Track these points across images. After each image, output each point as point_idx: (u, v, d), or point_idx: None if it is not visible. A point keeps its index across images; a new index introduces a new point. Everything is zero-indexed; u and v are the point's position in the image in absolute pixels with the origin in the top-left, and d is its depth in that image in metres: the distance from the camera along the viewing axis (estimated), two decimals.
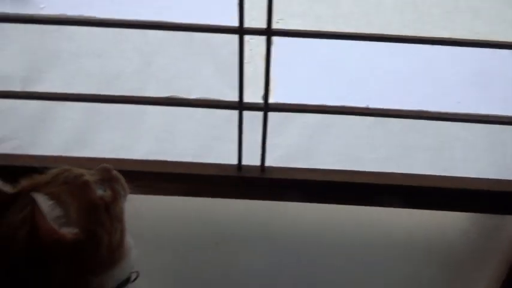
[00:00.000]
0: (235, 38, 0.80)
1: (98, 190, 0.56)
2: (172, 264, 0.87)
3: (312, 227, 1.13)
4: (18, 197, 0.55)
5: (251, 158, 0.96)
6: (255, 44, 0.82)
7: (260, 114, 0.89)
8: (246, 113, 0.89)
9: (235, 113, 0.89)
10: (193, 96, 0.88)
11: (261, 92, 0.87)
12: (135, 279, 0.63)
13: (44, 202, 0.49)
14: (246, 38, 0.79)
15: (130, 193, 0.63)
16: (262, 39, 0.80)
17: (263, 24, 0.79)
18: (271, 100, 0.87)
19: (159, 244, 0.70)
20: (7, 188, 0.55)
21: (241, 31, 0.78)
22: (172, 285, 0.68)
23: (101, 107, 0.89)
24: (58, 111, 0.91)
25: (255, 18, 0.79)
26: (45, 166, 0.63)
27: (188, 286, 1.14)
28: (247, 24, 0.78)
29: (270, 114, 0.88)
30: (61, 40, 0.82)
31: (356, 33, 0.79)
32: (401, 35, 0.79)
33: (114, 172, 0.61)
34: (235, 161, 0.96)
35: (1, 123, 0.94)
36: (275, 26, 0.78)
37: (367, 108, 0.91)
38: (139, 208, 0.64)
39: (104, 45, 0.83)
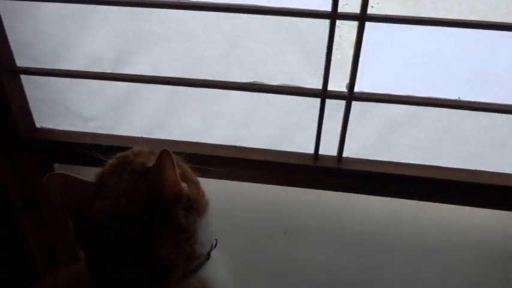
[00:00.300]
0: (325, 23, 0.78)
1: None
2: (238, 249, 0.88)
3: (384, 222, 1.10)
4: (109, 175, 0.58)
5: (328, 148, 0.94)
6: (345, 30, 0.79)
7: (341, 103, 0.87)
8: (327, 102, 0.87)
9: (316, 101, 0.88)
10: (276, 82, 0.87)
11: (345, 81, 0.85)
12: (215, 245, 0.67)
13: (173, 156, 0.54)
14: (337, 23, 0.77)
15: (204, 177, 0.65)
16: (354, 24, 0.77)
17: (356, 9, 0.76)
18: (355, 89, 0.84)
19: (227, 229, 0.71)
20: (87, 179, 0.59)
21: (333, 15, 0.75)
22: (237, 269, 0.68)
23: (184, 90, 0.91)
24: (143, 93, 0.93)
25: (348, 3, 0.76)
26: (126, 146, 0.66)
27: (254, 272, 1.15)
28: (339, 8, 0.75)
29: (353, 104, 0.86)
30: (152, 23, 0.84)
31: (457, 19, 0.74)
32: (508, 23, 0.73)
33: None
34: (311, 150, 0.95)
35: (89, 103, 0.98)
36: (369, 11, 0.75)
37: (457, 101, 0.86)
38: (210, 191, 0.65)
39: (192, 29, 0.83)
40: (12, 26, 0.90)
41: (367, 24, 0.76)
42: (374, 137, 0.94)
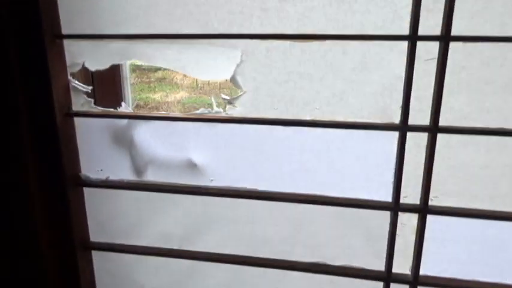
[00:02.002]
0: (387, 212, 0.82)
1: None
2: None
3: None
4: None
5: None
6: (406, 218, 0.83)
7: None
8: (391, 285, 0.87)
9: (379, 285, 0.88)
10: (338, 263, 0.89)
11: (407, 263, 0.86)
12: None
13: None
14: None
15: None
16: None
17: (416, 200, 0.81)
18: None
19: None
20: None
21: (395, 208, 0.80)
22: None
23: (247, 267, 0.93)
24: (207, 269, 0.96)
25: (408, 195, 0.81)
26: None
27: None
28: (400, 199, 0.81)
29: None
30: (222, 208, 0.91)
31: None
32: None
33: None
34: None
35: (153, 276, 1.01)
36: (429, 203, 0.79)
37: None
38: None
39: (259, 212, 0.90)
40: (91, 207, 0.99)
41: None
42: None
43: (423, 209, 0.79)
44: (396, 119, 0.78)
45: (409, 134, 0.76)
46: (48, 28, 0.84)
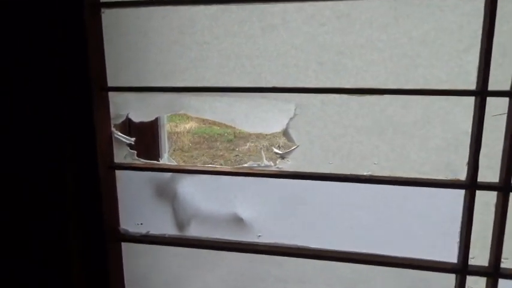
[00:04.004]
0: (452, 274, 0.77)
1: None
2: None
3: None
4: None
5: None
6: (473, 281, 0.77)
7: None
8: None
9: None
10: None
11: None
12: None
13: None
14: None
15: None
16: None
17: (484, 262, 0.76)
18: None
19: None
20: None
21: (463, 271, 0.75)
22: None
23: None
24: None
25: (476, 256, 0.76)
26: None
27: None
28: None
29: None
30: (270, 265, 0.86)
31: None
32: None
33: None
34: None
35: None
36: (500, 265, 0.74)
37: None
38: None
39: (309, 272, 0.84)
40: (129, 261, 0.95)
41: None
42: None
43: (494, 272, 0.73)
44: (461, 176, 0.74)
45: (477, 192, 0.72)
46: (95, 80, 0.82)
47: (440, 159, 0.74)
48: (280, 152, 0.81)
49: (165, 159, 0.89)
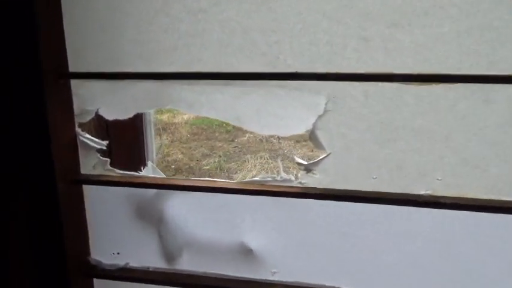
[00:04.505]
0: None
1: None
2: None
3: None
4: None
5: None
6: None
7: None
8: None
9: None
10: None
11: None
12: None
13: None
14: None
15: None
16: None
17: None
18: None
19: None
20: None
21: None
22: None
23: None
24: None
25: None
26: None
27: None
28: None
29: None
30: None
31: None
32: None
33: None
34: None
35: None
36: None
37: None
38: None
39: None
40: None
41: None
42: None
43: None
44: None
45: None
46: (49, 64, 0.60)
47: None
48: (304, 163, 0.59)
49: (149, 170, 0.68)
